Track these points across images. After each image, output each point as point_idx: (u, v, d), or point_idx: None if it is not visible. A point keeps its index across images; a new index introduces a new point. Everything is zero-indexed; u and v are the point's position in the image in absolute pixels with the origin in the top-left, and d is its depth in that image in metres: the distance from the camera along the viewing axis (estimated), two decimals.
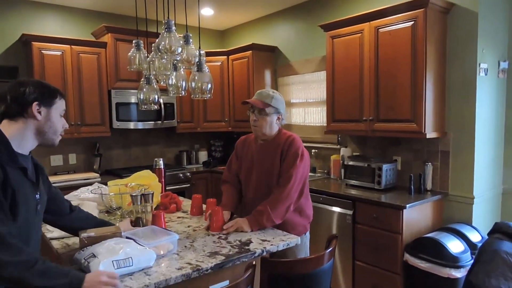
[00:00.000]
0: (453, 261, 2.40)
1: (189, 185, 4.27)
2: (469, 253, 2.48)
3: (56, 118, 1.42)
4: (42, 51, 3.58)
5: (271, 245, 1.76)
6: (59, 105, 1.44)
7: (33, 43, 3.54)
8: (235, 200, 2.23)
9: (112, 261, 1.36)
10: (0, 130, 1.31)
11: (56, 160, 3.96)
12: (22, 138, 1.35)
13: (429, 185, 3.00)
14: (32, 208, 1.36)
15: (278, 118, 2.14)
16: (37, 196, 1.40)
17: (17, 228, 1.26)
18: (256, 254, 1.67)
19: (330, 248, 1.66)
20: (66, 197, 2.25)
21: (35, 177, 1.41)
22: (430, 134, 2.81)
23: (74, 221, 1.68)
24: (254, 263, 1.43)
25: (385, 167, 2.98)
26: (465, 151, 2.86)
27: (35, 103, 1.35)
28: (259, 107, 2.09)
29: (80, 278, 1.22)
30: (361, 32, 3.09)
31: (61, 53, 3.68)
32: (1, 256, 1.14)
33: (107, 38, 3.91)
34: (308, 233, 2.24)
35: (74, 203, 2.10)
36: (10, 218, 1.24)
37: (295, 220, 2.13)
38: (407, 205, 2.61)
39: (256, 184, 2.15)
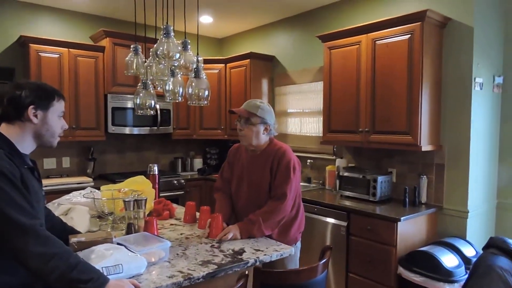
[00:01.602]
0: (447, 275, 2.39)
1: (183, 192, 4.24)
2: (463, 267, 2.47)
3: (54, 121, 1.42)
4: (40, 53, 3.57)
5: (265, 255, 1.74)
6: (57, 107, 1.43)
7: (30, 45, 3.52)
8: (228, 209, 2.21)
9: (102, 268, 1.33)
10: (4, 135, 1.33)
11: (50, 163, 3.92)
12: (22, 141, 1.36)
13: (423, 198, 2.99)
14: (42, 205, 1.44)
15: (266, 129, 2.10)
16: (43, 193, 1.46)
17: None
18: (249, 264, 1.65)
19: (324, 260, 1.64)
20: (57, 200, 2.23)
21: (38, 175, 1.44)
22: (426, 147, 2.82)
23: None
24: (246, 272, 1.41)
25: (380, 179, 2.98)
26: (459, 164, 2.87)
27: (31, 106, 1.35)
28: (245, 116, 2.08)
29: (105, 278, 1.25)
30: (359, 44, 3.12)
31: (58, 55, 3.67)
32: (39, 249, 1.17)
33: (105, 42, 3.91)
34: (299, 243, 2.22)
35: (65, 207, 2.08)
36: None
37: (286, 230, 2.12)
38: (402, 218, 2.60)
39: (246, 195, 2.15)
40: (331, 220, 3.01)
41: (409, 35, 2.78)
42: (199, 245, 1.84)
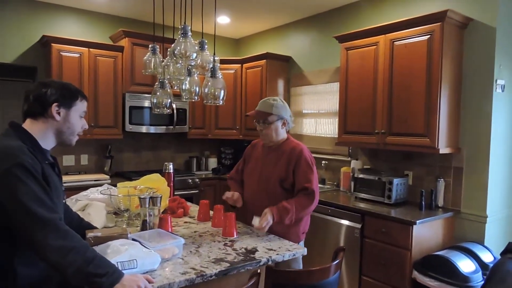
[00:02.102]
0: (463, 281, 2.34)
1: (197, 191, 4.27)
2: (480, 273, 2.41)
3: (75, 119, 1.47)
4: (61, 52, 3.66)
5: (277, 254, 1.74)
6: (80, 107, 1.48)
7: (52, 44, 3.62)
8: (241, 190, 2.33)
9: (117, 262, 1.36)
10: (27, 131, 1.38)
11: (68, 160, 4.02)
12: (44, 137, 1.41)
13: (440, 202, 2.94)
14: (62, 200, 1.47)
15: (284, 124, 2.23)
16: (63, 188, 1.50)
17: None
18: (262, 263, 1.65)
19: (337, 261, 1.63)
20: (75, 196, 2.29)
21: (58, 170, 1.48)
22: (444, 149, 2.76)
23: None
24: (258, 271, 1.41)
25: (396, 181, 2.94)
26: (479, 168, 2.80)
27: (55, 104, 1.40)
28: (261, 118, 2.19)
29: (120, 273, 1.27)
30: (376, 45, 3.08)
31: (79, 55, 3.75)
32: (58, 242, 1.20)
33: (124, 42, 3.98)
34: (302, 243, 2.25)
35: (83, 203, 2.13)
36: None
37: (291, 229, 2.16)
38: (417, 221, 2.55)
39: (256, 184, 2.23)
40: (345, 222, 2.99)
41: (429, 36, 2.73)
42: (212, 243, 1.86)
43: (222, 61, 4.46)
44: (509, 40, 2.81)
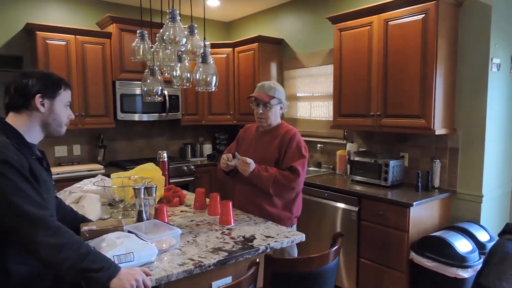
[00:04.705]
0: (460, 260, 2.36)
1: (193, 178, 4.25)
2: (477, 253, 2.44)
3: (60, 110, 1.41)
4: (47, 40, 3.55)
5: (275, 241, 1.72)
6: (64, 96, 1.43)
7: (37, 32, 3.50)
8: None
9: (113, 256, 1.33)
10: (11, 125, 1.33)
11: (61, 151, 3.95)
12: (30, 131, 1.36)
13: (436, 183, 2.94)
14: (52, 195, 1.43)
15: (281, 108, 2.28)
16: (53, 182, 1.46)
17: None
18: (260, 251, 1.64)
19: (336, 247, 1.62)
20: (69, 188, 2.24)
21: (47, 164, 1.44)
22: (439, 130, 2.75)
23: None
24: (257, 260, 1.40)
25: (392, 163, 2.93)
26: (474, 148, 2.79)
27: (38, 95, 1.35)
28: (265, 101, 2.19)
29: (117, 267, 1.25)
30: (370, 25, 3.02)
31: (65, 43, 3.64)
32: (49, 239, 1.17)
33: (112, 28, 3.87)
34: (295, 227, 2.28)
35: (76, 195, 2.09)
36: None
37: (283, 214, 2.20)
38: (414, 203, 2.56)
39: None
40: (341, 205, 2.99)
41: (423, 15, 2.68)
42: (210, 232, 1.84)
43: (214, 45, 4.37)
44: (504, 18, 2.77)
